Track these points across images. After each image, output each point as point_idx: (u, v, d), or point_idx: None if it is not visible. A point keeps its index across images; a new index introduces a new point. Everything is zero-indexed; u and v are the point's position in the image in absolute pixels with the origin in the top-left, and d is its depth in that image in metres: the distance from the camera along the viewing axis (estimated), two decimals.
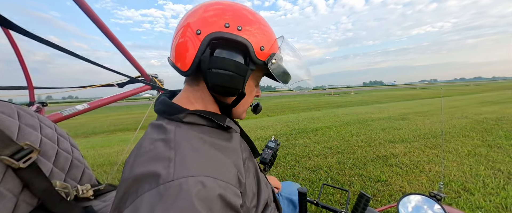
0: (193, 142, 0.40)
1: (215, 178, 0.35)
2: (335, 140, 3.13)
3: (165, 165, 0.34)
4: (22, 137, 0.47)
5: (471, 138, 2.81)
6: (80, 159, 0.62)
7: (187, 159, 0.36)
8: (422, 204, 0.63)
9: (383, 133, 3.37)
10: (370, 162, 2.18)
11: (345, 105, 11.73)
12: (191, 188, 0.31)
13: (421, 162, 2.09)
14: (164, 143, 0.39)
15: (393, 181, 1.74)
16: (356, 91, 39.84)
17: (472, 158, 2.11)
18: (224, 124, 0.47)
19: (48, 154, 0.51)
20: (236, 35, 0.42)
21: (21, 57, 1.26)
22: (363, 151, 2.57)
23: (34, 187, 0.44)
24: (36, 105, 1.29)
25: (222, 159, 0.40)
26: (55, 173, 0.51)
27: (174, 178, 0.32)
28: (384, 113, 5.73)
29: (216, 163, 0.38)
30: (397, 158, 2.23)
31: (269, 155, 1.06)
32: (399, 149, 2.55)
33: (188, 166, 0.34)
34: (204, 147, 0.40)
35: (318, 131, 3.91)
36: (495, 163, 1.96)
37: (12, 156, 0.41)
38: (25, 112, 0.52)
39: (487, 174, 1.74)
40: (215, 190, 0.33)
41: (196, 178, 0.33)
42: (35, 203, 0.45)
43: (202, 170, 0.35)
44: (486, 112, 4.93)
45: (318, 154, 2.58)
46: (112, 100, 1.44)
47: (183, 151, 0.37)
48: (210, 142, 0.43)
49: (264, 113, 9.82)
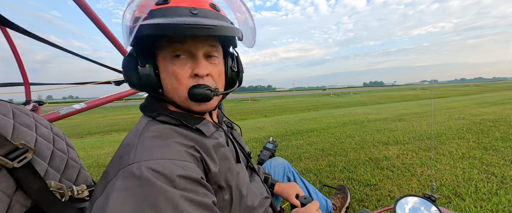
0: (156, 131, 0.44)
1: (167, 159, 0.38)
2: (329, 142, 3.07)
3: (128, 150, 0.39)
4: (17, 137, 0.45)
5: (467, 140, 2.76)
6: (76, 159, 0.61)
7: (146, 145, 0.40)
8: (419, 206, 0.63)
9: (378, 135, 3.31)
10: (361, 165, 2.12)
11: (343, 106, 11.68)
12: (145, 170, 0.34)
13: (414, 165, 2.03)
14: (134, 133, 0.44)
15: (382, 185, 1.69)
16: (355, 92, 39.78)
17: (466, 161, 2.05)
18: (194, 126, 0.48)
19: (43, 154, 0.50)
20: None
21: (18, 55, 1.25)
22: (355, 153, 2.51)
23: (28, 187, 0.43)
24: (32, 104, 1.27)
25: (177, 146, 0.42)
26: (50, 173, 0.50)
27: (134, 161, 0.36)
28: (382, 114, 5.67)
29: (170, 148, 0.41)
30: (390, 161, 2.17)
31: (267, 156, 1.08)
32: (393, 151, 2.49)
33: (145, 151, 0.38)
34: (165, 135, 0.44)
35: (312, 132, 3.86)
36: (489, 166, 1.90)
37: (6, 156, 0.40)
38: (20, 111, 0.51)
39: (480, 178, 1.68)
40: (172, 170, 0.36)
41: (153, 161, 0.36)
42: (29, 204, 0.44)
43: (157, 154, 0.38)
44: (484, 113, 4.87)
45: (310, 156, 2.52)
46: (110, 99, 1.41)
47: (144, 139, 0.41)
48: (175, 133, 0.46)
49: (262, 114, 9.80)
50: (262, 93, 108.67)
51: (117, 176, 0.35)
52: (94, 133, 6.99)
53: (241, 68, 0.59)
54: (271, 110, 11.99)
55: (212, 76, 0.49)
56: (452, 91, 23.99)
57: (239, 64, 0.59)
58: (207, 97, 0.46)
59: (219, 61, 0.51)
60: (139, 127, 0.45)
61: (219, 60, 0.51)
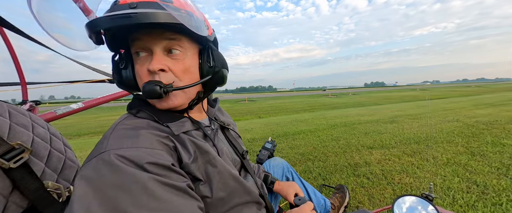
0: (130, 124, 0.45)
1: (136, 147, 0.39)
2: (312, 145, 2.94)
3: (102, 141, 0.41)
4: (13, 137, 0.45)
5: (455, 144, 2.62)
6: (73, 160, 0.61)
7: (118, 135, 0.41)
8: (416, 205, 0.64)
9: (365, 138, 3.18)
10: (338, 171, 2.00)
11: (340, 107, 11.55)
12: (114, 157, 0.36)
13: (393, 172, 1.90)
14: (110, 127, 0.45)
15: (353, 195, 1.56)
16: (355, 92, 39.57)
17: (449, 167, 1.92)
18: (164, 123, 0.48)
19: (40, 154, 0.50)
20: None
21: (14, 55, 1.24)
22: (336, 158, 2.38)
23: (25, 188, 0.43)
24: (28, 104, 1.26)
25: (149, 135, 0.43)
26: (47, 174, 0.50)
27: (105, 150, 0.37)
28: (375, 116, 5.53)
29: (141, 138, 0.41)
30: (369, 167, 2.05)
31: (265, 156, 1.10)
32: (375, 156, 2.37)
33: (116, 140, 0.40)
34: (138, 127, 0.44)
35: (299, 135, 3.73)
36: (473, 174, 1.77)
37: (2, 156, 0.40)
38: (17, 111, 0.51)
39: (460, 188, 1.55)
40: (141, 158, 0.37)
41: (123, 149, 0.38)
42: (26, 204, 0.44)
43: (127, 143, 0.39)
44: (480, 115, 4.72)
45: (288, 161, 2.40)
46: (107, 99, 1.40)
47: (117, 130, 0.43)
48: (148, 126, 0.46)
49: (256, 114, 9.64)
50: (262, 93, 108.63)
51: (89, 162, 0.37)
52: (83, 135, 6.90)
53: (217, 64, 0.54)
54: (266, 111, 11.86)
55: (173, 72, 0.47)
56: (452, 92, 23.75)
57: (216, 59, 0.54)
58: (155, 93, 0.44)
59: (184, 56, 0.49)
60: (116, 122, 0.47)
61: (184, 55, 0.49)
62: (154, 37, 0.45)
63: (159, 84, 0.44)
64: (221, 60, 0.54)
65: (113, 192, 0.33)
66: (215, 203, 0.48)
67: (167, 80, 0.46)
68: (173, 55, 0.47)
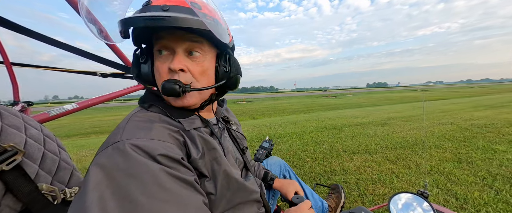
0: (144, 117, 0.47)
1: (149, 138, 0.40)
2: (293, 150, 2.80)
3: (116, 132, 0.42)
4: (5, 139, 0.44)
5: (443, 150, 2.46)
6: (68, 161, 0.60)
7: (132, 126, 0.43)
8: (412, 202, 0.65)
9: (350, 142, 3.03)
10: (311, 179, 1.86)
11: (338, 108, 11.38)
12: (128, 146, 0.37)
13: (368, 181, 1.76)
14: (124, 119, 0.47)
15: None
16: (355, 93, 39.25)
17: (431, 177, 1.77)
18: (175, 119, 0.50)
19: (33, 156, 0.49)
20: None
21: (5, 54, 1.22)
22: (313, 164, 2.24)
23: (18, 190, 0.43)
24: (20, 105, 1.24)
25: (161, 128, 0.45)
26: (41, 176, 0.49)
27: (120, 140, 0.39)
28: (369, 117, 5.37)
29: (154, 130, 0.43)
30: (345, 175, 1.90)
31: (263, 155, 1.10)
32: (355, 162, 2.22)
33: (131, 131, 0.41)
34: (151, 120, 0.46)
35: (284, 138, 3.59)
36: (455, 184, 1.62)
37: None
38: (8, 112, 0.50)
39: (437, 201, 1.40)
40: (153, 149, 0.38)
41: (136, 139, 0.39)
42: (20, 207, 0.44)
43: (141, 134, 0.41)
44: (477, 118, 4.53)
45: None
46: (102, 99, 1.35)
47: (131, 122, 0.45)
48: (160, 119, 0.48)
49: (250, 116, 9.50)
50: (263, 94, 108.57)
51: (105, 151, 0.38)
52: (72, 136, 6.82)
53: (233, 69, 0.57)
54: (262, 112, 11.72)
55: (192, 73, 0.49)
56: (454, 93, 23.38)
57: (232, 65, 0.57)
58: (174, 92, 0.46)
59: (203, 59, 0.51)
60: (130, 114, 0.48)
61: (203, 57, 0.51)
62: (178, 37, 0.47)
63: (178, 83, 0.47)
64: (236, 65, 0.58)
65: (125, 180, 0.34)
66: (218, 200, 0.49)
67: (186, 80, 0.48)
68: (193, 57, 0.50)
